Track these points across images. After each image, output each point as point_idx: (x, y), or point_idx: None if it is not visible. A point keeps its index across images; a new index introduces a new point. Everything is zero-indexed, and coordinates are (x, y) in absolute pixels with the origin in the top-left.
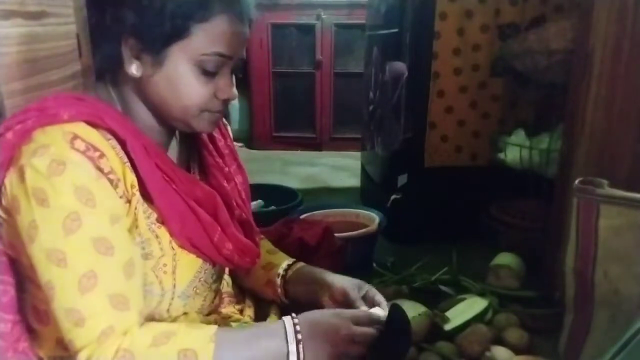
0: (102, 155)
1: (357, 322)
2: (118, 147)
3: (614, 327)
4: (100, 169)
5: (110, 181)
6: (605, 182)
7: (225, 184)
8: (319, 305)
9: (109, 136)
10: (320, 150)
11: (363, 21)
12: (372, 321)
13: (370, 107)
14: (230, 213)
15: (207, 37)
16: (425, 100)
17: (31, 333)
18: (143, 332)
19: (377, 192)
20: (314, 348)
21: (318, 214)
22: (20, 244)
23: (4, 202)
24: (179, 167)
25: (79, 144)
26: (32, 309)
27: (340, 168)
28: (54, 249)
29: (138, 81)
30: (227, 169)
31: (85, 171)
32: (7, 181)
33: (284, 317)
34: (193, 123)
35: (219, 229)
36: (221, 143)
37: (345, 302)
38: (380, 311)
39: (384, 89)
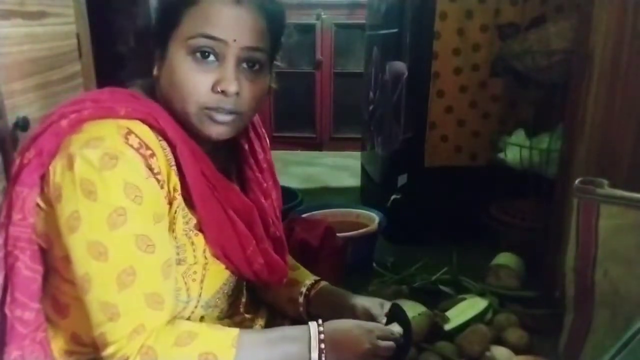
0: (153, 155)
1: (381, 336)
2: (168, 149)
3: (614, 327)
4: (150, 168)
5: (158, 181)
6: (605, 182)
7: (263, 200)
8: None
9: (160, 137)
10: (320, 150)
11: (363, 21)
12: (392, 336)
13: (370, 107)
14: (265, 229)
15: (194, 20)
16: (425, 100)
17: (48, 324)
18: (167, 330)
19: (377, 192)
20: (336, 358)
21: (318, 214)
22: (54, 234)
23: (46, 191)
24: (221, 175)
25: (133, 140)
26: (52, 300)
27: (340, 168)
28: (96, 242)
29: (157, 83)
30: (265, 184)
31: (136, 168)
32: (52, 169)
33: (310, 323)
34: (195, 122)
35: (254, 242)
36: (261, 157)
37: (370, 320)
38: (398, 327)
39: (384, 89)
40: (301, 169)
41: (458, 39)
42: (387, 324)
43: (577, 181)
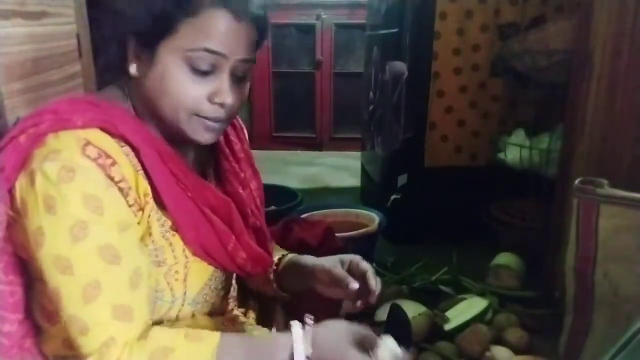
0: (113, 163)
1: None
2: (132, 154)
3: (614, 327)
4: (110, 177)
5: (121, 190)
6: (605, 182)
7: (241, 191)
8: (314, 292)
9: (123, 143)
10: (320, 150)
11: (363, 21)
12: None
13: (370, 107)
14: (244, 221)
15: (195, 32)
16: (425, 100)
17: (37, 330)
18: (140, 347)
19: (377, 192)
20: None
21: (318, 214)
22: (28, 245)
23: (14, 204)
24: (195, 173)
25: (91, 151)
26: (40, 307)
27: (340, 168)
28: (61, 257)
29: (138, 82)
30: (242, 174)
31: (94, 179)
32: (17, 184)
33: (292, 324)
34: (185, 128)
35: (233, 237)
36: (237, 147)
37: (334, 282)
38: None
39: (384, 89)
40: (301, 169)
41: (458, 39)
42: (387, 323)
43: (577, 181)
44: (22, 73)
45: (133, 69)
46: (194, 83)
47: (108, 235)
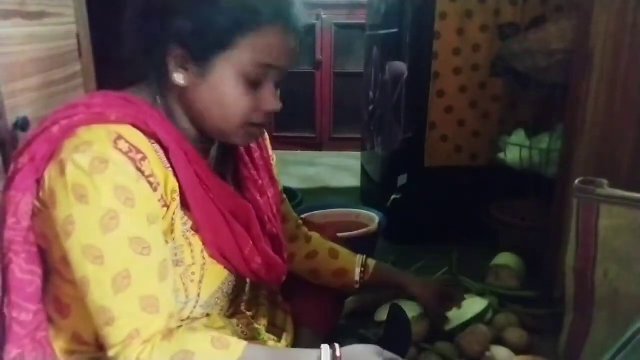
0: (144, 158)
1: None
2: (161, 151)
3: (614, 327)
4: (141, 171)
5: (150, 184)
6: (605, 182)
7: (259, 198)
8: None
9: (153, 141)
10: (320, 150)
11: (363, 21)
12: None
13: (370, 107)
14: (262, 227)
15: (254, 48)
16: (425, 100)
17: (49, 324)
18: (163, 348)
19: (377, 192)
20: None
21: (318, 214)
22: (52, 236)
23: (41, 195)
24: (217, 176)
25: (122, 145)
26: (54, 300)
27: (340, 168)
28: (91, 246)
29: (183, 90)
30: (261, 182)
31: (126, 171)
32: (46, 174)
33: (322, 348)
34: (233, 136)
35: (251, 242)
36: (257, 154)
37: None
38: None
39: (384, 89)
40: (301, 169)
41: (458, 39)
42: (387, 323)
43: (577, 181)
44: (23, 73)
45: (180, 78)
46: (248, 95)
47: (138, 226)
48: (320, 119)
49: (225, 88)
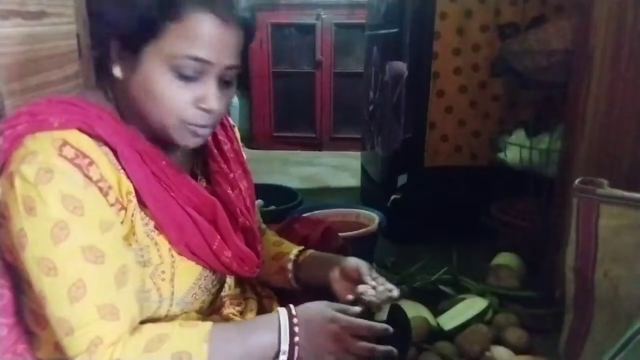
0: (91, 163)
1: (356, 332)
2: (111, 154)
3: (614, 327)
4: (88, 177)
5: (100, 189)
6: (605, 182)
7: (230, 192)
8: (328, 287)
9: (101, 143)
10: (320, 150)
11: (363, 21)
12: (372, 331)
13: (370, 107)
14: (233, 221)
15: (179, 38)
16: (425, 100)
17: (30, 335)
18: (135, 339)
19: (377, 192)
20: (307, 352)
21: (318, 214)
22: (13, 248)
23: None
24: (180, 172)
25: (68, 151)
26: (31, 312)
27: (340, 168)
28: (44, 258)
29: (122, 85)
30: (232, 175)
31: (72, 179)
32: (0, 187)
33: (279, 310)
34: (173, 134)
35: (219, 236)
36: (227, 147)
37: (357, 277)
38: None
39: (384, 89)
40: (301, 169)
41: (458, 39)
42: (387, 323)
43: (577, 181)
44: (22, 73)
45: (117, 71)
46: (179, 88)
47: (90, 234)
48: (320, 119)
49: (155, 82)
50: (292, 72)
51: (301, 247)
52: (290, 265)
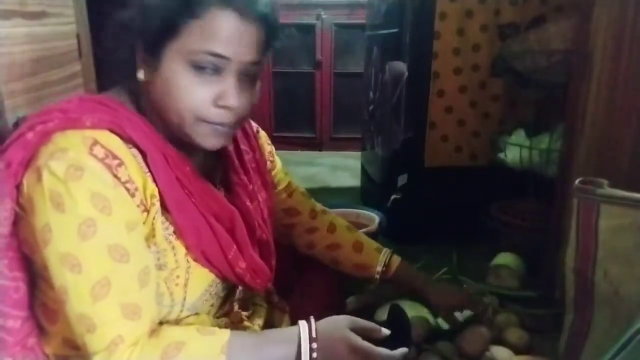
0: (120, 164)
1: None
2: (139, 156)
3: (614, 327)
4: (117, 177)
5: (127, 190)
6: (605, 182)
7: (249, 204)
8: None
9: (131, 145)
10: (320, 150)
11: (363, 21)
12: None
13: (370, 107)
14: (250, 233)
15: (199, 34)
16: (425, 100)
17: (40, 330)
18: (152, 344)
19: (377, 192)
20: None
21: None
22: (33, 242)
23: (21, 201)
24: (201, 179)
25: (98, 151)
26: (42, 306)
27: (340, 168)
28: (69, 254)
29: (146, 87)
30: (251, 186)
31: (102, 178)
32: (25, 180)
33: (300, 324)
34: (191, 133)
35: (235, 246)
36: (248, 156)
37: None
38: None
39: (384, 89)
40: (301, 169)
41: (458, 39)
42: (387, 323)
43: (577, 181)
44: (23, 73)
45: (141, 74)
46: (198, 85)
47: (116, 233)
48: (320, 119)
49: (174, 78)
50: (292, 72)
51: (385, 258)
52: (376, 281)
